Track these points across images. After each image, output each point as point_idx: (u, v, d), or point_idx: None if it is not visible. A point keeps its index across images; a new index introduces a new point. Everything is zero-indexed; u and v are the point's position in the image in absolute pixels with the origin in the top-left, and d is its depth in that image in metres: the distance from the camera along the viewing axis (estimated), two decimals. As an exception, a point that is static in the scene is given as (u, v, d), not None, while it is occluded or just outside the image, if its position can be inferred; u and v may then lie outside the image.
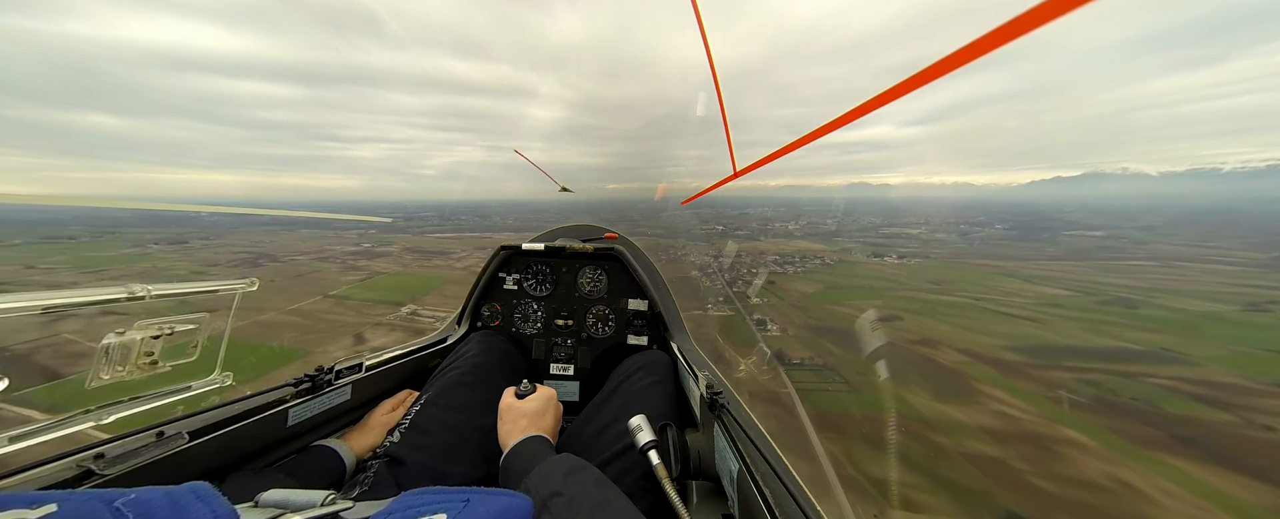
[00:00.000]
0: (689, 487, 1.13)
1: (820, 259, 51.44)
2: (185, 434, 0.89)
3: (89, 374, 0.84)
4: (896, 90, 0.76)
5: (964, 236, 77.92)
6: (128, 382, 0.88)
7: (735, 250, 54.21)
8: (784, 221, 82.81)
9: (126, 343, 0.87)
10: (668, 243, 52.91)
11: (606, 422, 1.25)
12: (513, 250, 2.02)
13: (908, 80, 0.72)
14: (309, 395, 1.19)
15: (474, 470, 1.20)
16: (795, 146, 1.33)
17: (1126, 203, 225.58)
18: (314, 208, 47.32)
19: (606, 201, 79.31)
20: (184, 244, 68.97)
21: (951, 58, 0.61)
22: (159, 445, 0.85)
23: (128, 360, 0.88)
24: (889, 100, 0.80)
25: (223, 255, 56.35)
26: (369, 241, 65.10)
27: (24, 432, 0.74)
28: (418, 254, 59.76)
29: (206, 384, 1.02)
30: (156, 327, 0.91)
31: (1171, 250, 71.69)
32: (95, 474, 0.76)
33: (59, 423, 0.79)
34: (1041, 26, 0.48)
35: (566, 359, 1.93)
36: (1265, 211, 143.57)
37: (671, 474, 0.95)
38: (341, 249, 59.87)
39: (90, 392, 0.83)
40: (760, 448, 0.89)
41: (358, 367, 1.37)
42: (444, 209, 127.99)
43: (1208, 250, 73.88)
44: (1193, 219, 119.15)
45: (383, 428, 1.33)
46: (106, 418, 0.85)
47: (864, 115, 0.90)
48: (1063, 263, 59.96)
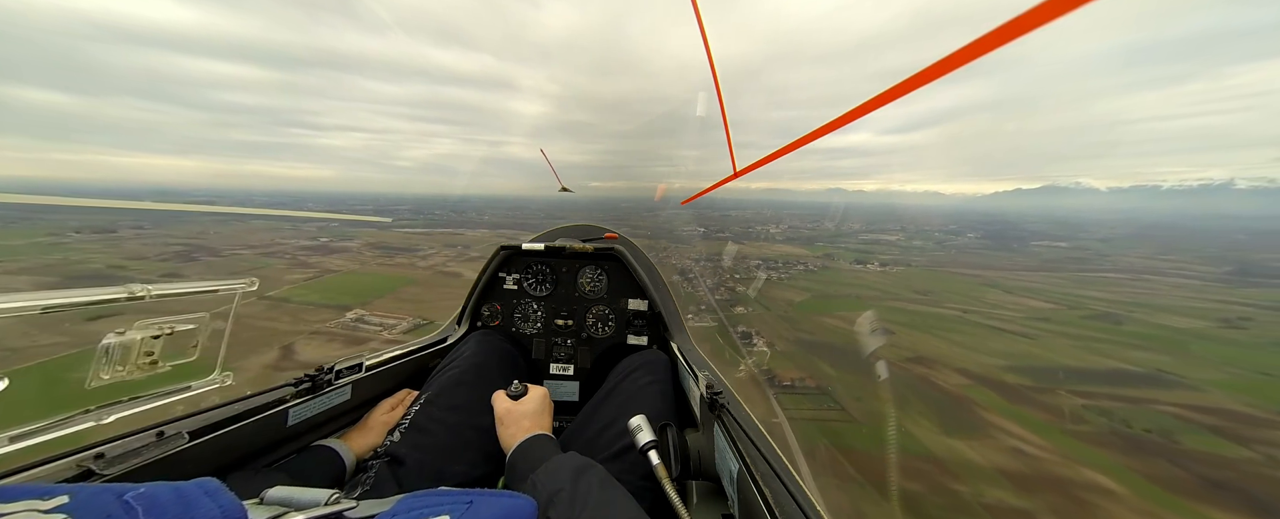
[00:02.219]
0: (689, 487, 1.14)
1: (804, 264, 50.35)
2: (185, 434, 0.89)
3: (89, 374, 0.84)
4: (882, 98, 0.77)
5: (940, 244, 79.10)
6: (128, 382, 0.88)
7: (718, 254, 52.59)
8: (765, 224, 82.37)
9: (126, 343, 0.87)
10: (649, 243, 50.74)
11: (606, 421, 1.26)
12: (513, 250, 1.99)
13: (893, 88, 0.74)
14: (309, 395, 1.19)
15: (474, 470, 1.21)
16: (790, 149, 1.30)
17: (1080, 215, 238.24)
18: (290, 201, 42.69)
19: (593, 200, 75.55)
20: (111, 233, 61.98)
21: (935, 66, 0.63)
22: (159, 445, 0.85)
23: (128, 360, 0.88)
24: (876, 107, 0.80)
25: (153, 248, 50.58)
26: (327, 235, 60.37)
27: (24, 431, 0.74)
28: (381, 250, 55.40)
29: (206, 384, 1.02)
30: (156, 327, 0.91)
31: (1135, 263, 74.53)
32: (95, 474, 0.76)
33: (59, 423, 0.79)
34: (1022, 36, 0.50)
35: (566, 359, 1.93)
36: (1201, 227, 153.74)
37: (671, 474, 0.95)
38: (294, 244, 54.90)
39: (90, 392, 0.84)
40: (760, 448, 0.89)
41: (358, 367, 1.36)
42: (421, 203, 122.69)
43: (1166, 263, 77.35)
44: (1143, 233, 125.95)
45: (383, 428, 1.32)
46: (106, 418, 0.85)
47: (854, 121, 0.90)
48: (1039, 273, 60.98)
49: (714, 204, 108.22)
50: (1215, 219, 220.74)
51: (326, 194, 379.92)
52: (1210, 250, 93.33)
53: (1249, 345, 38.97)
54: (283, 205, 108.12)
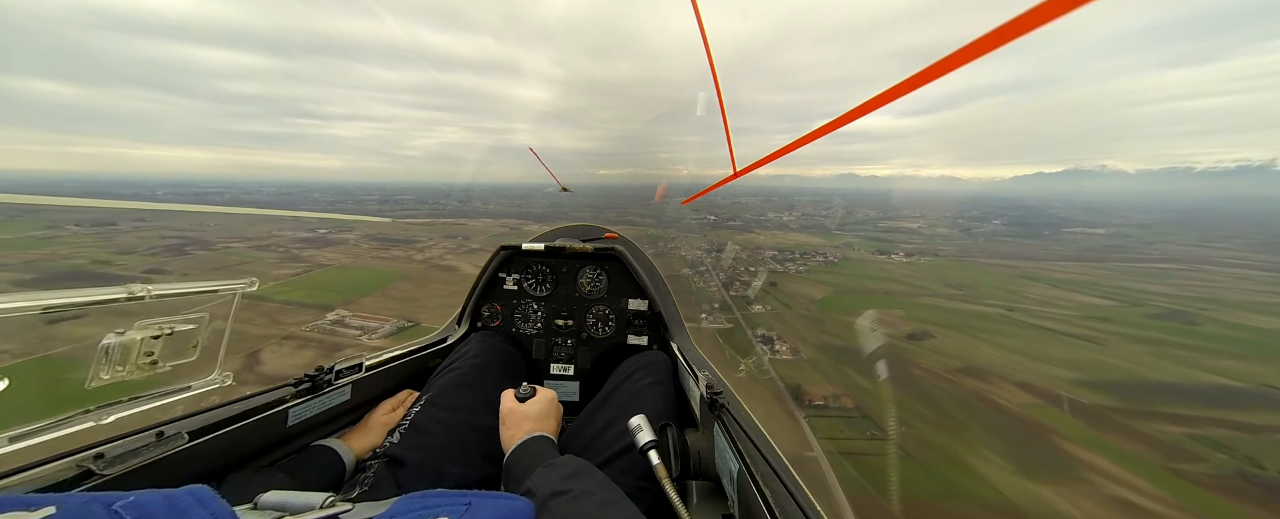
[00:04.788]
0: (689, 487, 1.13)
1: (822, 255, 46.97)
2: (185, 434, 0.89)
3: (89, 374, 0.84)
4: (900, 88, 0.74)
5: (966, 232, 74.60)
6: (128, 382, 0.88)
7: (730, 244, 49.57)
8: (778, 212, 78.76)
9: (126, 343, 0.87)
10: (656, 233, 47.82)
11: (606, 422, 1.26)
12: (513, 250, 1.99)
13: (913, 77, 0.70)
14: (309, 395, 1.19)
15: (474, 471, 1.20)
16: (801, 144, 1.24)
17: (1109, 200, 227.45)
18: (298, 190, 40.72)
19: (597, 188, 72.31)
20: (111, 226, 61.22)
21: (958, 54, 0.60)
22: (159, 445, 0.85)
23: (128, 360, 0.88)
24: (892, 99, 0.76)
25: (145, 242, 49.33)
26: (325, 227, 58.82)
27: (24, 431, 0.74)
28: (378, 243, 53.50)
29: (206, 384, 1.01)
30: (156, 327, 0.91)
31: (1185, 252, 68.60)
32: (95, 474, 0.76)
33: (59, 423, 0.79)
34: (1046, 24, 0.47)
35: (566, 359, 1.92)
36: (1241, 211, 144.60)
37: (671, 474, 0.95)
38: (290, 235, 53.22)
39: (90, 392, 0.84)
40: (760, 448, 0.89)
41: (358, 367, 1.36)
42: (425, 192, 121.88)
43: (1219, 252, 71.38)
44: (1181, 218, 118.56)
45: (383, 428, 1.31)
46: (106, 418, 0.85)
47: (869, 113, 0.85)
48: (1081, 264, 56.21)
49: (725, 190, 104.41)
50: (1254, 203, 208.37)
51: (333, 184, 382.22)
52: (1257, 237, 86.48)
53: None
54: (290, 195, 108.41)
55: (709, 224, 68.10)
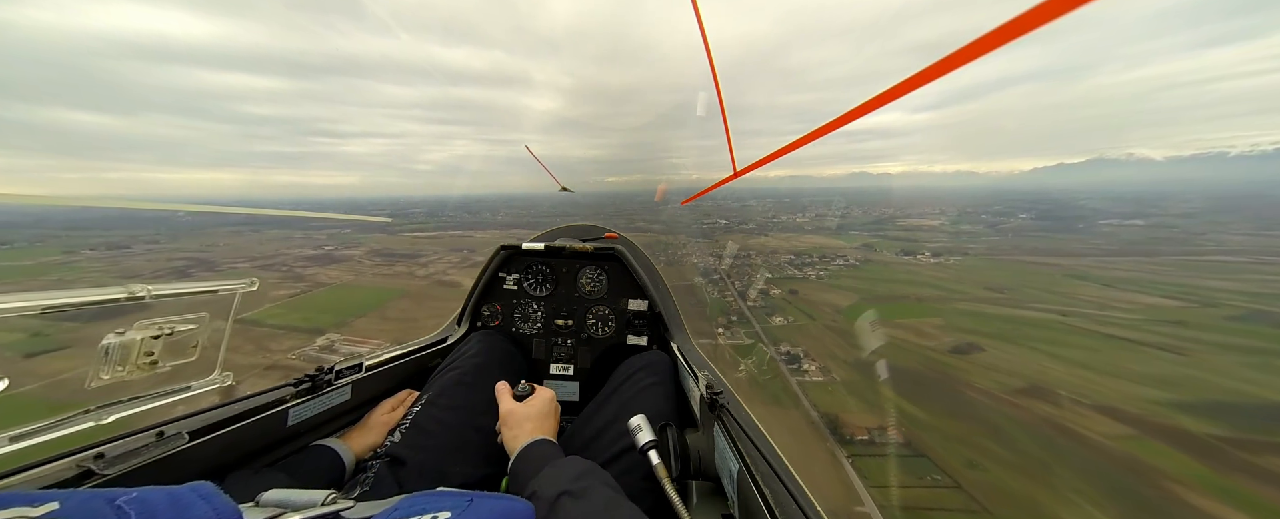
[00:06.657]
0: (689, 487, 1.14)
1: (842, 258, 44.14)
2: (185, 434, 0.90)
3: (89, 374, 0.84)
4: (912, 82, 0.73)
5: (993, 229, 70.55)
6: (128, 381, 0.88)
7: (744, 250, 47.12)
8: (790, 214, 76.05)
9: (126, 343, 0.88)
10: (667, 239, 45.60)
11: (606, 422, 1.26)
12: (513, 250, 2.01)
13: (924, 71, 0.68)
14: (309, 395, 1.19)
15: (475, 471, 1.20)
16: (805, 141, 1.25)
17: (1139, 189, 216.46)
18: (312, 207, 40.97)
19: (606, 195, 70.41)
20: (125, 249, 62.12)
21: (970, 47, 0.58)
22: (159, 445, 0.85)
23: (128, 360, 0.88)
24: (903, 93, 0.76)
25: (151, 264, 49.48)
26: (333, 244, 58.56)
27: (24, 431, 0.75)
28: (383, 258, 52.68)
29: (206, 384, 1.02)
30: (156, 327, 0.91)
31: (1243, 243, 63.12)
32: (95, 474, 0.77)
33: (59, 423, 0.80)
34: (1058, 18, 0.45)
35: (566, 359, 1.93)
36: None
37: (671, 474, 0.95)
38: (296, 253, 52.91)
39: (90, 392, 0.84)
40: (760, 448, 0.89)
41: (358, 366, 1.36)
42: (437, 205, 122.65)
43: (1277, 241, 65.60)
44: (1226, 206, 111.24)
45: (383, 428, 1.32)
46: (106, 418, 0.85)
47: (879, 108, 0.85)
48: (1129, 259, 51.75)
49: (732, 193, 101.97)
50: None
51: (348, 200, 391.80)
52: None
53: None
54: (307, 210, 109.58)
55: (720, 229, 65.80)
